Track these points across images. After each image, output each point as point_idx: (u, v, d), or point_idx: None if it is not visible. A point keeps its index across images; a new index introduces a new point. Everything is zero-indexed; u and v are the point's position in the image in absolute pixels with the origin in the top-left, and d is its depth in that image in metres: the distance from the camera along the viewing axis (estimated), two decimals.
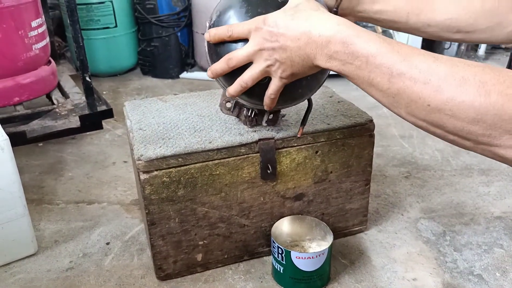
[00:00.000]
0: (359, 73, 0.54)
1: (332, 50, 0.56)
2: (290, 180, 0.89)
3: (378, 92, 0.54)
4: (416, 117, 0.51)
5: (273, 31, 0.61)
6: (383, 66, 0.52)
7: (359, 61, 0.54)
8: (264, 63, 0.64)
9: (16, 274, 0.92)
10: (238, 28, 0.65)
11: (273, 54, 0.62)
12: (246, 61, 0.65)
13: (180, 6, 2.05)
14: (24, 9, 1.32)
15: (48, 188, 1.23)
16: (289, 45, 0.60)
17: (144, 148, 0.80)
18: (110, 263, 0.95)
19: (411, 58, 0.51)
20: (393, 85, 0.51)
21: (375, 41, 0.53)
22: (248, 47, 0.64)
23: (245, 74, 0.66)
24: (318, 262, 0.83)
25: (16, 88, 1.36)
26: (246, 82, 0.66)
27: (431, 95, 0.48)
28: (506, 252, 0.96)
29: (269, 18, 0.61)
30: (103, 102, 1.50)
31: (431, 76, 0.49)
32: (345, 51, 0.55)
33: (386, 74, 0.52)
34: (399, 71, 0.51)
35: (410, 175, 1.26)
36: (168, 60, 2.10)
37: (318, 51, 0.58)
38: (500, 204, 1.13)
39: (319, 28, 0.57)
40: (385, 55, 0.52)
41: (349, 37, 0.55)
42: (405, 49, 0.52)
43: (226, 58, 0.66)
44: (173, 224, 0.84)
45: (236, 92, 0.68)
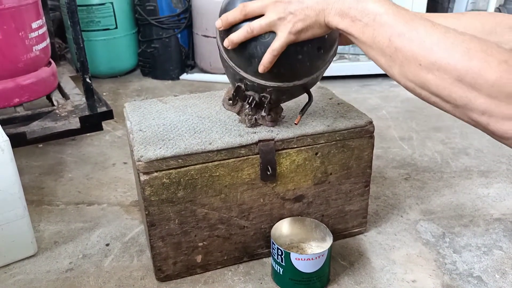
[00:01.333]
0: (365, 30, 0.59)
1: (346, 5, 0.60)
2: (290, 182, 0.89)
3: (377, 51, 0.58)
4: (406, 78, 0.56)
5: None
6: (387, 25, 0.57)
7: (368, 18, 0.58)
8: (276, 15, 0.66)
9: (16, 275, 0.92)
10: (252, 4, 0.68)
11: (288, 7, 0.65)
12: (260, 11, 0.68)
13: (180, 7, 2.05)
14: (24, 10, 1.32)
15: (48, 189, 1.23)
16: (305, 1, 0.64)
17: (144, 149, 0.80)
18: (110, 264, 0.95)
19: (412, 21, 0.56)
20: (392, 44, 0.56)
21: (385, 2, 0.58)
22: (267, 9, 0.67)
23: (255, 21, 0.69)
24: (317, 263, 0.83)
25: (16, 89, 1.36)
26: (252, 30, 0.69)
27: (423, 55, 0.53)
28: (505, 254, 0.96)
29: None
30: (103, 103, 1.50)
31: (426, 38, 0.53)
32: (357, 7, 0.59)
33: (388, 32, 0.56)
34: (399, 31, 0.56)
35: (409, 177, 1.26)
36: (168, 61, 2.10)
37: (334, 5, 0.62)
38: (499, 206, 1.13)
39: None
40: (391, 15, 0.57)
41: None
42: (409, 13, 0.57)
43: (240, 6, 0.69)
44: (173, 226, 0.84)
45: (239, 38, 0.70)
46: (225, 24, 0.72)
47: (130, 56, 2.15)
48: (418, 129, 1.54)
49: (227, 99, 0.86)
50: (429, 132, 1.51)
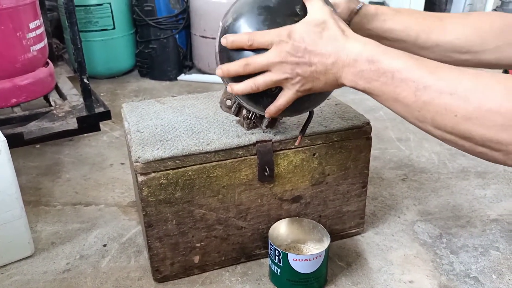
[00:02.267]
0: (385, 89, 0.55)
1: (358, 68, 0.57)
2: (288, 182, 0.89)
3: (404, 107, 0.54)
4: (443, 130, 0.51)
5: (300, 46, 0.61)
6: (409, 80, 0.53)
7: (385, 77, 0.55)
8: (282, 75, 0.63)
9: (13, 276, 0.92)
10: (260, 38, 0.63)
11: (296, 68, 0.62)
12: (264, 69, 0.64)
13: (178, 8, 2.05)
14: (22, 10, 1.32)
15: (45, 189, 1.23)
16: (315, 62, 0.60)
17: (142, 150, 0.80)
18: (107, 265, 0.95)
19: (436, 71, 0.52)
20: (419, 98, 0.52)
21: (401, 57, 0.55)
22: (269, 56, 0.63)
23: (260, 78, 0.65)
24: (315, 264, 0.83)
25: (13, 90, 1.35)
26: (257, 86, 0.65)
27: (458, 105, 0.49)
28: (502, 254, 0.97)
29: (295, 32, 0.61)
30: (100, 104, 1.50)
31: (457, 86, 0.49)
32: (371, 69, 0.56)
33: (412, 87, 0.52)
34: (425, 84, 0.51)
35: (407, 177, 1.26)
36: (166, 62, 2.10)
37: (345, 70, 0.59)
38: (496, 207, 1.13)
39: (346, 48, 0.58)
40: (411, 69, 0.53)
41: (375, 55, 0.56)
42: (430, 63, 0.53)
43: (243, 63, 0.65)
44: (170, 226, 0.84)
45: (242, 91, 0.67)
46: (226, 75, 0.68)
47: (128, 57, 2.14)
48: (415, 130, 1.54)
49: (225, 100, 0.86)
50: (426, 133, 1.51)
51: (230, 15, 0.70)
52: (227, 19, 0.70)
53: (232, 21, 0.68)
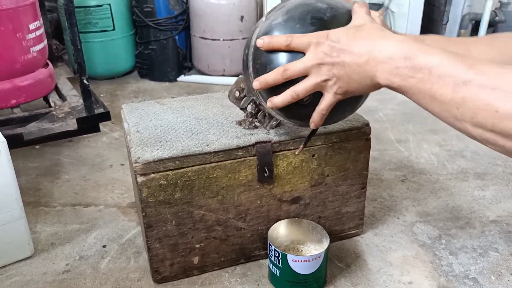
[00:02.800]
0: (421, 86, 0.53)
1: (394, 65, 0.56)
2: (287, 183, 0.89)
3: (441, 105, 0.52)
4: (484, 128, 0.49)
5: (335, 46, 0.61)
6: (447, 76, 0.51)
7: (422, 73, 0.53)
8: (320, 77, 0.63)
9: (12, 276, 0.92)
10: (298, 39, 0.63)
11: (332, 69, 0.62)
12: (303, 73, 0.64)
13: (178, 9, 2.05)
14: (22, 11, 1.32)
15: (44, 190, 1.23)
16: (348, 61, 0.60)
17: (142, 150, 0.80)
18: (107, 266, 0.95)
19: (476, 66, 0.50)
20: (458, 94, 0.50)
21: (438, 53, 0.53)
22: (306, 59, 0.63)
23: (299, 85, 0.64)
24: (314, 265, 0.83)
25: (13, 91, 1.36)
26: (298, 94, 0.65)
27: (500, 101, 0.46)
28: (501, 255, 0.97)
29: (331, 33, 0.62)
30: (100, 104, 1.50)
31: (500, 81, 0.47)
32: (407, 65, 0.54)
33: (450, 83, 0.50)
34: (464, 79, 0.49)
35: (406, 179, 1.26)
36: (165, 63, 2.10)
37: (379, 68, 0.58)
38: (495, 208, 1.13)
39: (381, 45, 0.58)
40: (449, 65, 0.51)
41: (411, 52, 0.55)
42: (469, 59, 0.51)
43: (281, 69, 0.64)
44: (169, 227, 0.84)
45: (283, 102, 0.67)
46: (264, 86, 0.67)
47: (128, 58, 2.15)
48: (415, 132, 1.54)
49: (234, 91, 0.84)
50: (425, 135, 1.52)
51: (280, 15, 0.69)
52: (276, 17, 0.69)
53: (281, 21, 0.68)
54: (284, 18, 0.68)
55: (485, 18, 2.12)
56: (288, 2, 0.71)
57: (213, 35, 2.05)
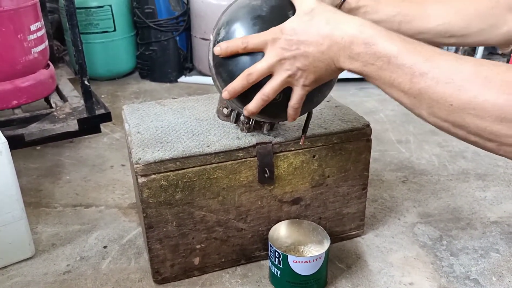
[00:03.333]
0: (381, 73, 0.54)
1: (355, 51, 0.56)
2: (288, 184, 0.89)
3: (399, 93, 0.53)
4: (439, 118, 0.51)
5: (292, 39, 0.60)
6: (404, 67, 0.52)
7: (381, 61, 0.54)
8: (285, 73, 0.62)
9: (13, 277, 0.92)
10: (253, 39, 0.63)
11: (295, 62, 0.61)
12: (267, 73, 0.63)
13: (179, 10, 2.05)
14: (23, 12, 1.32)
15: (45, 191, 1.23)
16: (311, 51, 0.59)
17: (142, 151, 0.80)
18: (107, 267, 0.95)
19: (433, 58, 0.50)
20: (415, 85, 0.51)
21: (397, 42, 0.53)
22: (267, 59, 0.62)
23: (266, 87, 0.64)
24: (315, 266, 0.83)
25: (14, 91, 1.36)
26: (267, 95, 0.64)
27: (453, 94, 0.48)
28: (502, 257, 0.97)
29: (286, 26, 0.60)
30: (101, 105, 1.50)
31: (454, 75, 0.48)
32: (367, 52, 0.55)
33: (408, 74, 0.51)
34: (421, 71, 0.50)
35: (407, 179, 1.26)
36: (166, 64, 2.10)
37: (341, 53, 0.57)
38: (496, 209, 1.13)
39: (340, 29, 0.57)
40: (407, 55, 0.52)
41: (371, 38, 0.55)
42: (427, 49, 0.52)
43: (245, 74, 0.64)
44: (170, 228, 0.84)
45: (257, 108, 0.66)
46: (233, 94, 0.67)
47: (129, 59, 2.15)
48: (416, 132, 1.54)
49: (221, 109, 0.86)
50: (426, 135, 1.52)
51: (222, 27, 0.68)
52: (219, 32, 0.68)
53: (225, 34, 0.67)
54: (227, 30, 0.67)
55: None
56: (226, 12, 0.69)
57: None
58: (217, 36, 0.69)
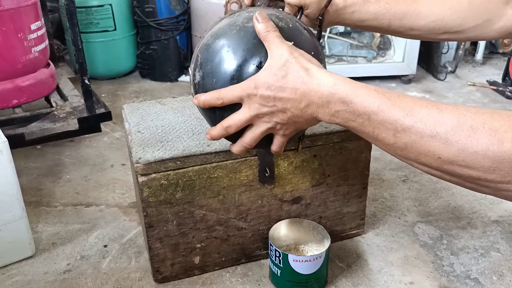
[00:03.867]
0: (363, 129, 0.54)
1: (333, 109, 0.55)
2: (288, 183, 0.89)
3: (385, 146, 0.53)
4: (429, 167, 0.50)
5: (269, 96, 0.57)
6: (386, 122, 0.51)
7: (361, 118, 0.53)
8: (264, 125, 0.61)
9: (14, 276, 0.92)
10: (228, 95, 0.60)
11: (272, 117, 0.59)
12: (246, 124, 0.62)
13: (179, 9, 2.05)
14: (23, 12, 1.32)
15: (46, 190, 1.23)
16: (289, 108, 0.58)
17: (143, 151, 0.80)
18: (108, 266, 0.95)
19: (414, 111, 0.49)
20: (399, 140, 0.50)
21: (375, 98, 0.52)
22: (244, 113, 0.60)
23: (246, 137, 0.63)
24: (315, 265, 0.83)
25: (15, 91, 1.36)
26: (249, 144, 0.64)
27: (440, 148, 0.47)
28: (502, 256, 0.97)
29: (259, 82, 0.58)
30: (101, 105, 1.50)
31: (438, 128, 0.47)
32: (346, 110, 0.54)
33: (391, 129, 0.50)
34: (403, 126, 0.49)
35: (407, 179, 1.26)
36: (166, 63, 2.10)
37: (320, 110, 0.56)
38: (497, 208, 1.13)
39: (316, 89, 0.55)
40: (387, 111, 0.51)
41: (347, 97, 0.53)
42: (407, 102, 0.50)
43: (224, 126, 0.63)
44: (170, 227, 0.84)
45: (240, 152, 0.66)
46: (214, 138, 0.66)
47: (129, 58, 2.15)
48: None
49: None
50: None
51: (197, 70, 0.66)
52: (195, 73, 0.67)
53: (200, 80, 0.65)
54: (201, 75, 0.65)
55: None
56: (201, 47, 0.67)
57: None
58: (193, 78, 0.67)
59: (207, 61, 0.64)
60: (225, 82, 0.62)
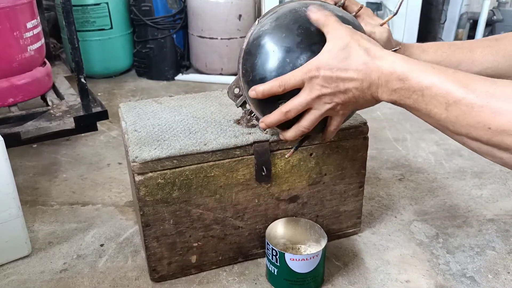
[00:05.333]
0: (417, 105, 0.56)
1: (391, 88, 0.57)
2: (285, 182, 0.89)
3: (437, 123, 0.55)
4: (480, 141, 0.51)
5: (331, 77, 0.60)
6: (438, 96, 0.52)
7: (416, 94, 0.55)
8: (324, 107, 0.63)
9: (10, 275, 0.92)
10: (290, 80, 0.62)
11: (334, 98, 0.62)
12: (305, 109, 0.64)
13: (175, 8, 2.05)
14: (19, 10, 1.31)
15: (42, 189, 1.23)
16: (351, 88, 0.60)
17: (139, 149, 0.80)
18: (104, 265, 0.95)
19: (466, 83, 0.51)
20: (451, 113, 0.52)
21: (429, 73, 0.54)
22: (305, 96, 0.63)
23: (305, 121, 0.65)
24: (312, 264, 0.83)
25: (10, 89, 1.35)
26: (307, 128, 0.66)
27: (490, 118, 0.48)
28: (498, 254, 0.97)
29: (321, 64, 0.60)
30: (98, 103, 1.50)
31: (489, 99, 0.48)
32: (402, 87, 0.56)
33: (443, 103, 0.52)
34: (455, 98, 0.51)
35: (403, 177, 1.26)
36: (163, 62, 2.10)
37: (379, 90, 0.59)
38: (492, 206, 1.14)
39: (376, 69, 0.58)
40: (440, 85, 0.53)
41: (403, 73, 0.56)
42: (461, 77, 0.52)
43: (284, 111, 0.64)
44: (167, 226, 0.84)
45: (294, 137, 0.68)
46: (270, 126, 0.68)
47: (125, 57, 2.14)
48: (412, 131, 1.54)
49: (233, 87, 0.82)
50: (423, 134, 1.52)
51: (270, 20, 0.68)
52: (265, 23, 0.68)
53: (269, 29, 0.67)
54: (272, 26, 0.67)
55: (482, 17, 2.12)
56: (280, 7, 0.70)
57: (211, 34, 2.04)
58: (261, 24, 0.69)
59: (286, 16, 0.67)
60: (283, 71, 0.64)
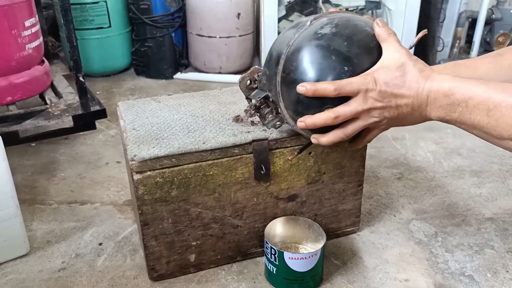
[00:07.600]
0: (462, 118, 0.60)
1: (438, 104, 0.62)
2: (284, 181, 0.89)
3: (481, 130, 0.59)
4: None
5: (386, 92, 0.64)
6: (480, 104, 0.57)
7: (460, 107, 0.60)
8: (371, 119, 0.67)
9: (8, 274, 0.92)
10: (347, 87, 0.65)
11: (383, 112, 0.65)
12: (354, 117, 0.67)
13: (174, 6, 2.04)
14: (17, 8, 1.31)
15: (40, 188, 1.22)
16: (402, 104, 0.64)
17: (138, 148, 0.80)
18: (103, 264, 0.95)
19: (504, 90, 0.55)
20: (491, 118, 0.56)
21: (471, 85, 0.59)
22: (357, 106, 0.65)
23: (349, 128, 0.68)
24: (311, 262, 0.83)
25: (9, 88, 1.35)
26: (347, 135, 0.69)
27: None
28: (497, 253, 0.97)
29: (378, 78, 0.64)
30: (96, 102, 1.50)
31: None
32: (448, 103, 0.61)
33: (484, 110, 0.57)
34: (494, 102, 0.56)
35: (402, 176, 1.27)
36: (162, 60, 2.10)
37: (428, 108, 0.64)
38: (491, 205, 1.14)
39: (428, 89, 0.63)
40: (481, 94, 0.57)
41: (450, 89, 0.61)
42: (498, 84, 0.57)
43: (331, 116, 0.66)
44: (166, 225, 0.84)
45: (331, 143, 0.70)
46: (312, 127, 0.70)
47: (124, 55, 2.14)
48: (411, 129, 1.54)
49: (247, 79, 0.83)
50: (422, 132, 1.52)
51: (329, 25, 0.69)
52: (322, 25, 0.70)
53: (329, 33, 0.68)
54: (333, 31, 0.69)
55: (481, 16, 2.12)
56: (337, 15, 0.72)
57: (210, 33, 2.04)
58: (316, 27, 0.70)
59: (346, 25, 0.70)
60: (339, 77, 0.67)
